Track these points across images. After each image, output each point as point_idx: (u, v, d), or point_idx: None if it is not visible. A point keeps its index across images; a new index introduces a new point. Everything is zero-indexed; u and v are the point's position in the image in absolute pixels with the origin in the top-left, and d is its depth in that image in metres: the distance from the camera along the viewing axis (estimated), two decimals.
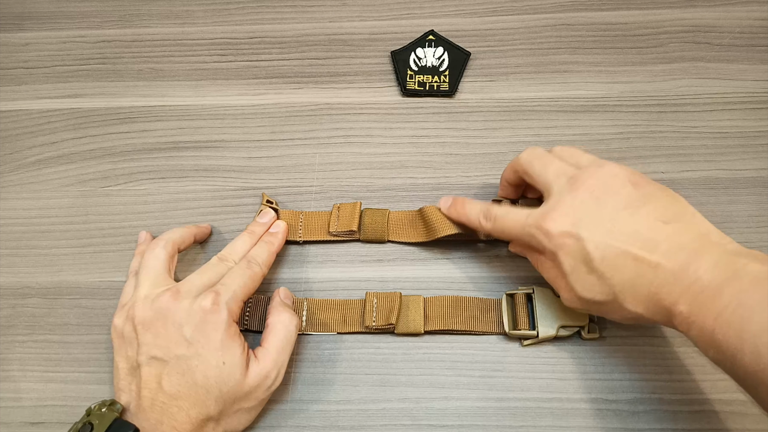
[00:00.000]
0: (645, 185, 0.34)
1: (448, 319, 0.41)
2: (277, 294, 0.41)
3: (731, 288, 0.28)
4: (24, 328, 0.43)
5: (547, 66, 0.49)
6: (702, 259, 0.30)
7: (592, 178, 0.34)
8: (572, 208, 0.33)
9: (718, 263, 0.29)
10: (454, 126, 0.48)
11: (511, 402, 0.40)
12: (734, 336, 0.27)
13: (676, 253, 0.31)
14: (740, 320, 0.27)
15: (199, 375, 0.34)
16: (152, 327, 0.35)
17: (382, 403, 0.40)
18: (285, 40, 0.51)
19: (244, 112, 0.49)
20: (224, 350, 0.35)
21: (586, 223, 0.33)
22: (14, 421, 0.41)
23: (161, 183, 0.47)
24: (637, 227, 0.32)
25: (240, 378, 0.35)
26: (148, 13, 0.53)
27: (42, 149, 0.48)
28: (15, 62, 0.52)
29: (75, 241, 0.45)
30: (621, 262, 0.32)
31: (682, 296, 0.30)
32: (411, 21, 0.51)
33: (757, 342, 0.26)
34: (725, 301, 0.28)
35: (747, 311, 0.27)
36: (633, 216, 0.32)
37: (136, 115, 0.49)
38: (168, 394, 0.34)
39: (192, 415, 0.34)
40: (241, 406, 0.36)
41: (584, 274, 0.33)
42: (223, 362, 0.34)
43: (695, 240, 0.31)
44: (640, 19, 0.50)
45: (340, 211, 0.44)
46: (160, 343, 0.35)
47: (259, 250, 0.41)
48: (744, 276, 0.28)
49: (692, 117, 0.47)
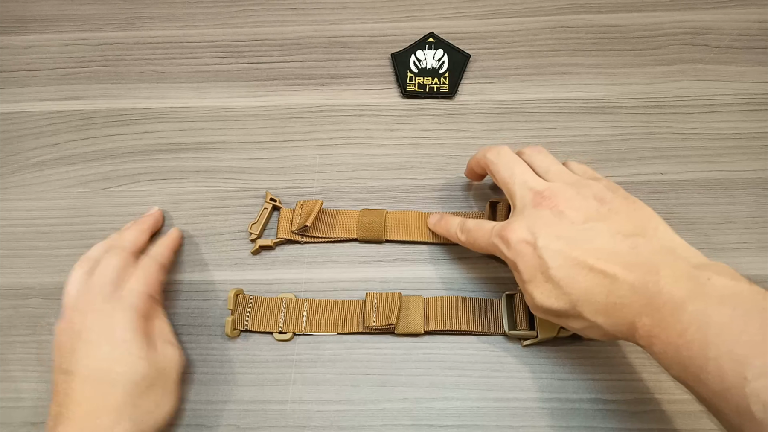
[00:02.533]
0: (611, 201, 0.34)
1: (448, 320, 0.41)
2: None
3: (695, 304, 0.28)
4: (25, 329, 0.43)
5: (546, 68, 0.49)
6: (662, 272, 0.30)
7: (556, 196, 0.34)
8: (533, 220, 0.34)
9: (680, 277, 0.29)
10: (454, 127, 0.48)
11: (511, 402, 0.40)
12: (699, 355, 0.27)
13: (635, 266, 0.31)
14: (705, 340, 0.27)
15: (105, 372, 0.35)
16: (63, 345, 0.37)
17: (382, 403, 0.40)
18: (286, 43, 0.51)
19: (245, 113, 0.49)
20: (130, 344, 0.36)
21: (545, 233, 0.33)
22: (14, 421, 0.41)
23: (162, 184, 0.47)
24: (596, 239, 0.32)
25: (149, 365, 0.36)
26: (149, 15, 0.53)
27: (44, 151, 0.49)
28: (17, 64, 0.52)
29: (76, 242, 0.45)
30: (576, 272, 0.32)
31: (644, 309, 0.30)
32: (411, 23, 0.52)
33: (721, 363, 0.26)
34: (689, 317, 0.28)
35: (712, 331, 0.27)
36: (592, 229, 0.33)
37: (138, 117, 0.49)
38: (76, 401, 0.35)
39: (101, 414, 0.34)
40: (157, 393, 0.37)
41: (542, 283, 0.33)
42: (129, 353, 0.36)
43: (656, 253, 0.31)
44: (639, 21, 0.51)
45: (303, 209, 0.44)
46: (67, 357, 0.36)
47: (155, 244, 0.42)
48: (708, 291, 0.28)
49: (691, 118, 0.47)
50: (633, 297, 0.30)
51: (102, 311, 0.37)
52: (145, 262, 0.40)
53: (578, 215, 0.33)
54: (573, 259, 0.32)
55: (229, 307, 0.41)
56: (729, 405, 0.26)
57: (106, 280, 0.38)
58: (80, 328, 0.36)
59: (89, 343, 0.36)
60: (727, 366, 0.26)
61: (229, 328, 0.41)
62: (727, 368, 0.26)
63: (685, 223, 0.44)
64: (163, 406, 0.38)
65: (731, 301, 0.27)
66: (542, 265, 0.33)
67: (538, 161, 0.38)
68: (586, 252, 0.32)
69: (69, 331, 0.37)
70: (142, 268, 0.39)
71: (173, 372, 0.38)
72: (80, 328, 0.36)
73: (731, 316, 0.27)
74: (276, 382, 0.41)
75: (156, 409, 0.37)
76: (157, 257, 0.41)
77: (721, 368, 0.26)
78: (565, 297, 0.32)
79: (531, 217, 0.34)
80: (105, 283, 0.38)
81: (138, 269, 0.39)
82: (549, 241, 0.33)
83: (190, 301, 0.43)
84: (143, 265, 0.40)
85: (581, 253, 0.32)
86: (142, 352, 0.36)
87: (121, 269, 0.39)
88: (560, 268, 0.32)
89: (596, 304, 0.31)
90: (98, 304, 0.37)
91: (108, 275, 0.38)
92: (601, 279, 0.31)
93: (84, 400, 0.35)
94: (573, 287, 0.32)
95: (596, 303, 0.31)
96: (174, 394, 0.39)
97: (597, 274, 0.31)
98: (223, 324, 0.43)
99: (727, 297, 0.27)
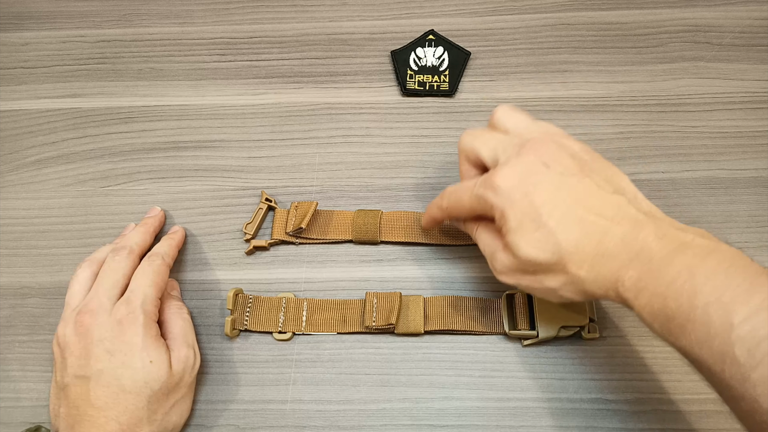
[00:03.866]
0: (591, 161, 0.33)
1: (448, 319, 0.41)
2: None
3: (681, 258, 0.28)
4: (24, 328, 0.43)
5: (547, 66, 0.49)
6: (648, 228, 0.30)
7: (540, 147, 0.33)
8: (521, 167, 0.33)
9: (666, 235, 0.29)
10: (454, 126, 0.48)
11: (511, 402, 0.40)
12: (686, 304, 0.27)
13: (623, 220, 0.31)
14: (693, 289, 0.27)
15: (126, 381, 0.35)
16: (75, 350, 0.36)
17: (382, 403, 0.40)
18: (285, 40, 0.51)
19: (244, 111, 0.49)
20: (148, 350, 0.36)
21: (535, 180, 0.32)
22: (14, 421, 0.41)
23: (161, 183, 0.47)
24: (585, 191, 0.32)
25: (168, 370, 0.36)
26: (147, 12, 0.53)
27: (41, 149, 0.48)
28: (15, 62, 0.52)
29: (75, 241, 0.45)
30: (568, 221, 0.31)
31: (632, 262, 0.29)
32: (411, 21, 0.51)
33: (709, 310, 0.26)
34: (677, 269, 0.28)
35: (700, 280, 0.27)
36: (581, 183, 0.32)
37: (136, 115, 0.49)
38: (96, 407, 0.34)
39: (122, 421, 0.34)
40: (176, 397, 0.37)
41: (530, 231, 0.32)
42: (150, 361, 0.36)
43: (639, 214, 0.31)
44: (640, 18, 0.50)
45: (297, 211, 0.44)
46: (82, 363, 0.36)
47: (160, 244, 0.42)
48: (693, 247, 0.29)
49: (692, 117, 0.47)
50: (622, 248, 0.30)
51: (116, 318, 0.36)
52: (153, 262, 0.39)
53: (564, 168, 0.33)
54: (567, 206, 0.31)
55: (229, 307, 0.41)
56: (712, 352, 0.26)
57: (114, 282, 0.38)
58: (92, 332, 0.36)
59: (106, 350, 0.35)
60: (714, 313, 0.26)
61: (229, 327, 0.41)
62: (714, 315, 0.26)
63: (687, 221, 0.43)
64: (181, 408, 0.38)
65: (715, 256, 0.28)
66: (534, 212, 0.31)
67: (511, 124, 0.36)
68: (578, 201, 0.31)
69: (80, 334, 0.36)
70: (150, 269, 0.39)
71: (190, 376, 0.38)
72: (92, 332, 0.36)
73: (717, 268, 0.27)
74: (276, 382, 0.41)
75: (174, 412, 0.37)
76: (164, 257, 0.40)
77: (708, 315, 0.26)
78: (554, 246, 0.31)
79: (518, 164, 0.33)
80: (112, 286, 0.38)
81: (146, 271, 0.39)
82: (541, 190, 0.32)
83: (189, 301, 0.43)
84: (151, 267, 0.39)
85: (574, 202, 0.31)
86: (161, 358, 0.36)
87: (128, 271, 0.39)
88: (553, 214, 0.31)
89: (584, 255, 0.31)
90: (108, 308, 0.37)
91: (115, 277, 0.38)
92: (592, 228, 0.31)
93: (103, 405, 0.34)
94: (565, 235, 0.31)
95: (584, 254, 0.31)
96: (190, 399, 0.39)
97: (589, 224, 0.31)
98: (222, 324, 0.43)
99: (712, 253, 0.28)
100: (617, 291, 0.30)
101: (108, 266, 0.39)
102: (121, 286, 0.38)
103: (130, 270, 0.39)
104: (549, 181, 0.32)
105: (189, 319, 0.40)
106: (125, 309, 0.36)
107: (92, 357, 0.35)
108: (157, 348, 0.36)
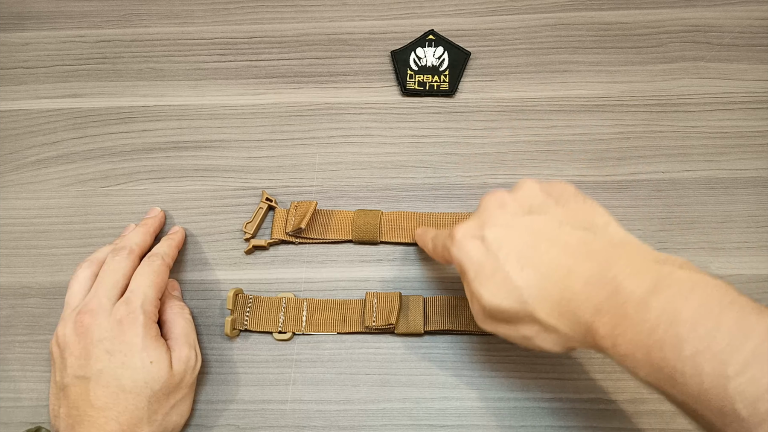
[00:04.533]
0: (560, 195, 0.32)
1: (448, 319, 0.41)
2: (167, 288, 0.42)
3: (660, 299, 0.25)
4: (24, 328, 0.43)
5: (547, 66, 0.49)
6: (618, 266, 0.27)
7: (498, 191, 0.33)
8: (478, 214, 0.33)
9: (639, 271, 0.27)
10: (454, 126, 0.48)
11: (511, 402, 0.40)
12: (672, 355, 0.25)
13: (588, 259, 0.28)
14: (677, 337, 0.24)
15: (126, 381, 0.35)
16: (75, 350, 0.36)
17: (382, 403, 0.40)
18: (285, 40, 0.51)
19: (244, 111, 0.49)
20: (149, 351, 0.36)
21: (491, 224, 0.31)
22: (14, 421, 0.41)
23: (161, 183, 0.47)
24: (544, 228, 0.30)
25: (168, 370, 0.36)
26: (147, 12, 0.53)
27: (41, 149, 0.48)
28: (14, 62, 0.52)
29: (75, 241, 0.45)
30: (526, 263, 0.29)
31: (603, 305, 0.27)
32: (411, 20, 0.51)
33: (699, 361, 0.24)
34: (656, 314, 0.25)
35: (684, 327, 0.24)
36: (539, 220, 0.30)
37: (136, 115, 0.49)
38: (96, 407, 0.34)
39: (122, 421, 0.34)
40: (176, 398, 0.37)
41: (488, 277, 0.30)
42: (150, 362, 0.36)
43: (608, 247, 0.29)
44: (640, 18, 0.50)
45: (297, 210, 0.44)
46: (82, 363, 0.36)
47: (160, 244, 0.42)
48: (672, 285, 0.26)
49: (692, 117, 0.47)
50: (589, 292, 0.27)
51: (116, 318, 0.36)
52: (153, 263, 0.39)
53: (523, 207, 0.31)
54: (522, 248, 0.29)
55: (229, 307, 0.41)
56: (710, 406, 0.24)
57: (114, 282, 0.38)
58: (92, 333, 0.36)
59: (105, 351, 0.35)
60: (705, 364, 0.24)
61: (229, 327, 0.41)
62: (706, 367, 0.24)
63: (686, 221, 0.44)
64: (181, 411, 0.38)
65: (698, 294, 0.25)
66: (489, 257, 0.30)
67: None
68: (536, 242, 0.29)
69: (80, 335, 0.36)
70: (150, 269, 0.39)
71: (191, 376, 0.38)
72: (92, 333, 0.36)
73: (702, 311, 0.25)
74: (276, 382, 0.41)
75: (174, 412, 0.37)
76: (164, 257, 0.40)
77: (699, 367, 0.24)
78: (515, 292, 0.29)
79: (476, 213, 0.33)
80: (112, 286, 0.38)
81: (145, 271, 0.39)
82: (496, 233, 0.30)
83: (189, 301, 0.43)
84: (151, 267, 0.39)
85: (530, 243, 0.29)
86: (161, 358, 0.36)
87: (128, 272, 0.39)
88: (508, 258, 0.29)
89: (549, 301, 0.28)
90: (108, 308, 0.37)
91: (115, 277, 0.38)
92: (553, 271, 0.28)
93: (103, 406, 0.34)
94: (523, 279, 0.29)
95: (549, 300, 0.28)
96: (191, 399, 0.39)
97: (549, 263, 0.29)
98: (222, 324, 0.43)
99: (694, 290, 0.25)
100: (594, 339, 0.28)
101: (108, 266, 0.39)
102: (121, 286, 0.38)
103: (129, 270, 0.39)
104: (504, 223, 0.31)
105: (190, 320, 0.40)
106: (125, 309, 0.36)
107: (92, 357, 0.35)
108: (157, 348, 0.36)
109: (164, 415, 0.36)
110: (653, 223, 0.44)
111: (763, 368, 0.23)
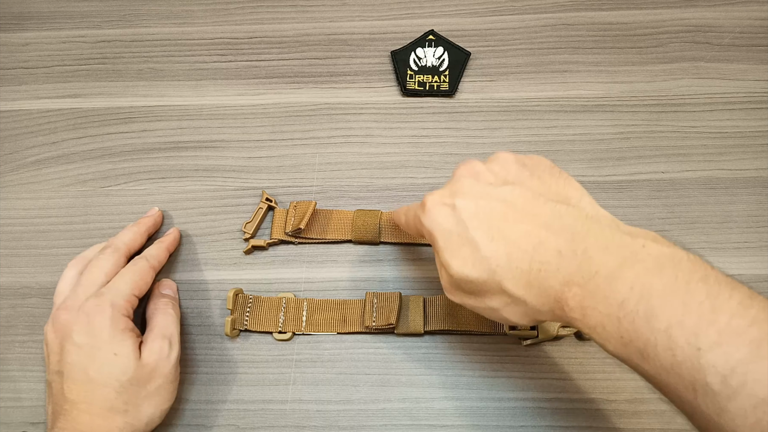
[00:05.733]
0: (535, 167, 0.32)
1: (448, 319, 0.41)
2: (157, 287, 0.42)
3: (631, 272, 0.25)
4: (24, 328, 0.43)
5: (547, 66, 0.49)
6: (590, 239, 0.27)
7: (471, 161, 0.32)
8: (450, 184, 0.32)
9: (611, 244, 0.27)
10: (454, 126, 0.48)
11: (511, 402, 0.40)
12: (644, 328, 0.24)
13: (559, 231, 0.28)
14: (650, 310, 0.24)
15: (94, 373, 0.35)
16: (54, 347, 0.37)
17: (382, 403, 0.40)
18: (285, 40, 0.51)
19: (244, 112, 0.49)
20: (114, 343, 0.36)
21: (463, 194, 0.31)
22: (14, 421, 0.41)
23: (161, 183, 0.47)
24: (518, 201, 0.29)
25: (136, 362, 0.36)
26: (147, 13, 0.53)
27: (42, 149, 0.48)
28: (15, 62, 0.52)
29: (75, 241, 0.45)
30: (496, 233, 0.29)
31: (573, 277, 0.27)
32: (411, 21, 0.51)
33: (671, 334, 0.24)
34: (628, 286, 0.25)
35: (657, 300, 0.24)
36: (513, 191, 0.30)
37: (136, 115, 0.49)
38: (69, 400, 0.35)
39: (93, 412, 0.35)
40: (149, 389, 0.37)
41: (458, 247, 0.30)
42: (114, 353, 0.36)
43: (580, 220, 0.28)
44: (640, 18, 0.50)
45: (296, 210, 0.44)
46: (58, 359, 0.36)
47: (150, 246, 0.42)
48: (644, 258, 0.26)
49: (692, 117, 0.47)
50: (560, 263, 0.27)
51: (84, 311, 0.36)
52: (136, 263, 0.40)
53: (497, 177, 0.31)
54: (492, 218, 0.29)
55: (229, 307, 0.41)
56: (681, 379, 0.24)
57: (94, 280, 0.38)
58: (67, 328, 0.36)
59: (75, 344, 0.36)
60: (678, 337, 0.23)
61: (229, 327, 0.41)
62: (679, 340, 0.23)
63: (686, 221, 0.44)
64: (156, 402, 0.37)
65: (671, 267, 0.25)
66: (459, 227, 0.30)
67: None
68: (507, 212, 0.29)
69: (57, 331, 0.37)
70: (132, 269, 0.39)
71: (165, 368, 0.38)
72: (67, 328, 0.36)
73: (674, 284, 0.24)
74: (276, 382, 0.41)
75: (148, 405, 0.37)
76: (149, 259, 0.41)
77: (672, 340, 0.24)
78: (483, 262, 0.29)
79: (449, 183, 0.32)
80: (92, 284, 0.38)
81: (127, 270, 0.39)
82: (467, 202, 0.30)
83: (189, 301, 0.43)
84: (133, 266, 0.39)
85: (502, 214, 0.29)
86: (126, 351, 0.36)
87: (110, 270, 0.39)
88: (478, 228, 0.29)
89: (518, 272, 0.28)
90: (82, 304, 0.37)
91: (96, 275, 0.38)
92: (523, 241, 0.28)
93: (76, 399, 0.35)
94: (492, 250, 0.28)
95: (518, 270, 0.28)
96: (168, 390, 0.38)
97: (519, 236, 0.28)
98: (222, 324, 0.43)
99: (666, 264, 0.25)
100: (563, 311, 0.27)
101: (91, 264, 0.39)
102: (101, 283, 0.38)
103: (112, 268, 0.39)
104: (476, 193, 0.30)
105: (173, 314, 0.40)
106: (93, 302, 0.37)
107: (65, 352, 0.36)
108: (123, 340, 0.36)
109: (137, 406, 0.36)
110: (653, 223, 0.44)
111: (735, 342, 0.23)
